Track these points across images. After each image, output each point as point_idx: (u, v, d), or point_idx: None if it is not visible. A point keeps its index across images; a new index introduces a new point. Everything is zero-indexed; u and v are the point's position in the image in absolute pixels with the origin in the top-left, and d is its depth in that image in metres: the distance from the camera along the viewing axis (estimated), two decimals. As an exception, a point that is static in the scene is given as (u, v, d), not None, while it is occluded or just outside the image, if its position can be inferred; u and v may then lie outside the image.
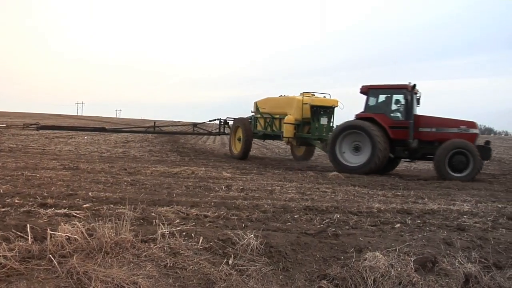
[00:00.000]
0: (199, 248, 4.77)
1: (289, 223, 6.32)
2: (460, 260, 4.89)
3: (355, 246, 5.20)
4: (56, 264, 4.03)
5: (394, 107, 14.69)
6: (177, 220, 5.92)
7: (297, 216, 6.82)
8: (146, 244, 4.71)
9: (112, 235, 4.59)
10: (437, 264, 4.80)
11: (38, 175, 9.53)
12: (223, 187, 9.40)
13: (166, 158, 16.41)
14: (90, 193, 7.62)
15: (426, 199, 9.22)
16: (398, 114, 14.55)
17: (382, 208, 7.70)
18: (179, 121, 71.48)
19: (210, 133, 22.36)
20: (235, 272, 4.39)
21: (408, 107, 14.29)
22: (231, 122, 20.75)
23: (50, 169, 10.87)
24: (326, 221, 6.58)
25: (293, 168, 14.73)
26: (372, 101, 14.84)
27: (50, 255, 4.18)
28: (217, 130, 22.00)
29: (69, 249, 4.33)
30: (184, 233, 5.10)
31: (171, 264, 4.35)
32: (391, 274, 4.46)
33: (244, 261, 4.62)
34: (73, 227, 4.63)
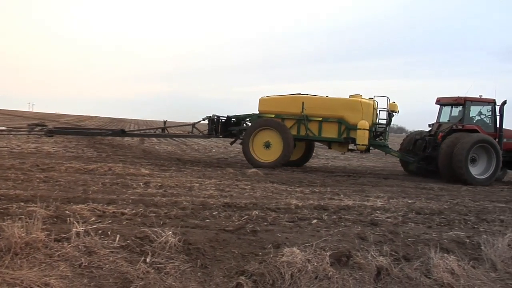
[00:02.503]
0: (116, 247, 4.67)
1: (208, 220, 6.33)
2: (372, 253, 5.14)
3: (273, 242, 5.29)
4: (-43, 267, 3.80)
5: (486, 119, 15.69)
6: (93, 218, 5.75)
7: (216, 212, 6.84)
8: (60, 243, 4.54)
9: (22, 234, 4.39)
10: (351, 258, 5.01)
11: None
12: (141, 184, 9.21)
13: (82, 154, 15.82)
14: (-2, 191, 7.22)
15: (342, 196, 9.55)
16: (489, 126, 15.48)
17: (299, 205, 7.89)
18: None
19: (204, 135, 19.33)
20: (152, 270, 4.34)
21: (498, 120, 15.28)
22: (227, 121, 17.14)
23: (-47, 165, 10.18)
24: (245, 217, 6.64)
25: (212, 165, 14.72)
26: (468, 113, 15.40)
27: (-50, 259, 3.93)
28: (208, 132, 17.61)
29: (-27, 250, 4.09)
30: (100, 231, 4.96)
31: (86, 264, 4.23)
32: (307, 269, 4.59)
33: (162, 259, 4.57)
34: (-22, 227, 4.38)
